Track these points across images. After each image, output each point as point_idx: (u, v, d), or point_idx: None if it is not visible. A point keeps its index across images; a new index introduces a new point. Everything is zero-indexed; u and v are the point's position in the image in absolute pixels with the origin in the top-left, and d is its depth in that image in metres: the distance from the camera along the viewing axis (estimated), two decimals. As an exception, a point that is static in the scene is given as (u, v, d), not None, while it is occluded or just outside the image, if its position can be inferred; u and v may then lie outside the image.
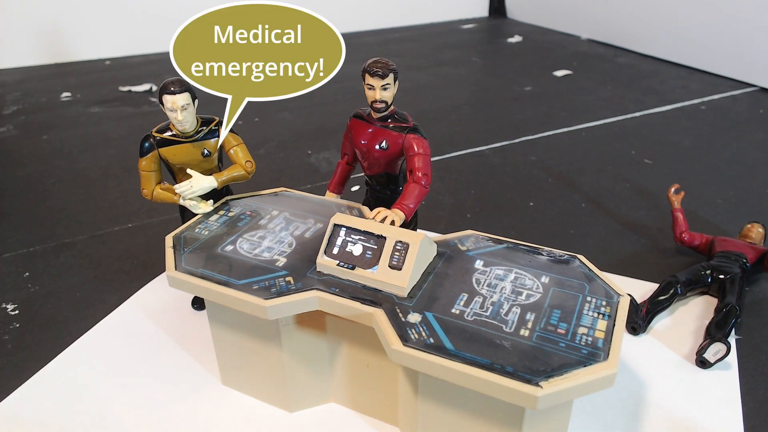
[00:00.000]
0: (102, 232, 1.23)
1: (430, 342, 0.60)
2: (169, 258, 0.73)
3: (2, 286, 1.05)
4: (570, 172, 1.49)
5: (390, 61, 0.78)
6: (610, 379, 0.56)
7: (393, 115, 0.81)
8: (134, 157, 1.58)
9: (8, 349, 0.89)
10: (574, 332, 0.61)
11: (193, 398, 0.80)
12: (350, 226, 0.72)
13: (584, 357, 0.58)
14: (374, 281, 0.68)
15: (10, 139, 1.74)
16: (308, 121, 1.86)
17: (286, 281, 0.69)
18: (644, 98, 2.01)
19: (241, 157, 0.85)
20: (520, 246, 0.77)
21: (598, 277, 0.70)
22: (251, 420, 0.77)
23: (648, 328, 0.93)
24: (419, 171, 0.77)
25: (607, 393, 0.80)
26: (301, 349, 0.74)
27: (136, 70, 2.44)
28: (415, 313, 0.64)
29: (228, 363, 0.81)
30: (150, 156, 0.84)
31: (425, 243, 0.70)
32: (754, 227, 1.08)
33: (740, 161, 1.53)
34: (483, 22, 3.33)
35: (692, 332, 0.92)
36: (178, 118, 0.80)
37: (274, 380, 0.76)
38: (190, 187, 0.82)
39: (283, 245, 0.76)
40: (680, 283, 0.97)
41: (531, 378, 0.55)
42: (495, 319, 0.63)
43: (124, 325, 0.95)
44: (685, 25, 2.34)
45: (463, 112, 1.93)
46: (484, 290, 0.68)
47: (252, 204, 0.87)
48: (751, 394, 0.80)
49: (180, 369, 0.85)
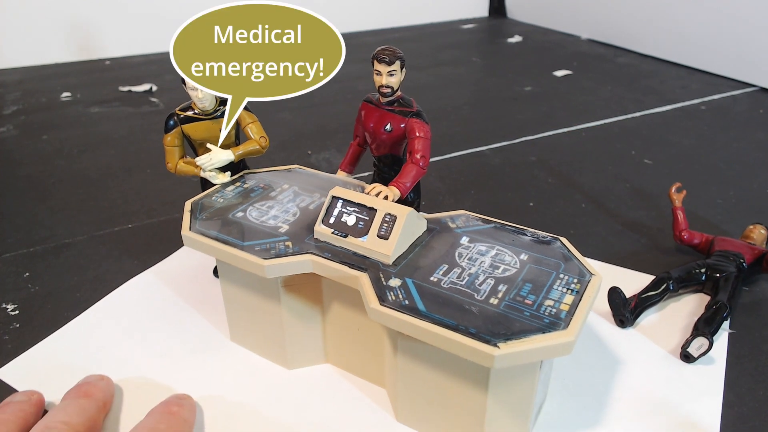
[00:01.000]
0: (102, 232, 1.23)
1: (405, 303, 0.65)
2: (186, 220, 0.83)
3: (2, 286, 1.05)
4: (570, 172, 1.49)
5: (398, 50, 0.83)
6: (567, 347, 0.60)
7: (399, 100, 0.86)
8: (134, 157, 1.59)
9: (8, 349, 0.89)
10: (541, 303, 0.65)
11: (203, 352, 0.89)
12: (346, 199, 0.78)
13: (545, 325, 0.62)
14: (363, 249, 0.74)
15: (10, 139, 1.74)
16: (308, 121, 1.86)
17: (285, 245, 0.76)
18: (644, 98, 2.01)
19: (256, 133, 0.93)
20: (507, 227, 0.81)
21: (576, 258, 0.74)
22: (253, 374, 0.85)
23: (638, 323, 0.93)
24: (418, 153, 0.82)
25: (587, 377, 0.83)
26: (299, 309, 0.81)
27: (136, 70, 2.44)
28: (396, 279, 0.70)
29: (235, 321, 0.89)
30: (174, 132, 0.92)
31: (412, 217, 0.75)
32: (756, 228, 1.08)
33: (740, 161, 1.53)
34: (483, 22, 3.33)
35: (682, 328, 0.92)
36: (198, 96, 0.88)
37: (275, 338, 0.84)
38: (210, 160, 0.91)
39: (287, 214, 0.84)
40: (672, 279, 0.97)
41: (490, 339, 0.60)
42: (469, 288, 0.68)
43: (144, 290, 1.03)
44: (685, 25, 2.34)
45: (463, 112, 1.93)
46: (464, 263, 0.73)
47: (266, 178, 0.95)
48: (751, 394, 0.80)
49: (193, 327, 0.94)
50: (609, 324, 0.93)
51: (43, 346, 0.90)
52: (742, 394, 0.81)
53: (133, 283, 1.05)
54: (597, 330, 0.92)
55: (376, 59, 0.82)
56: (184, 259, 1.12)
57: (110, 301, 1.00)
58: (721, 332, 0.89)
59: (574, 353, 0.87)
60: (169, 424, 0.69)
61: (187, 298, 1.01)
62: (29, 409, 0.72)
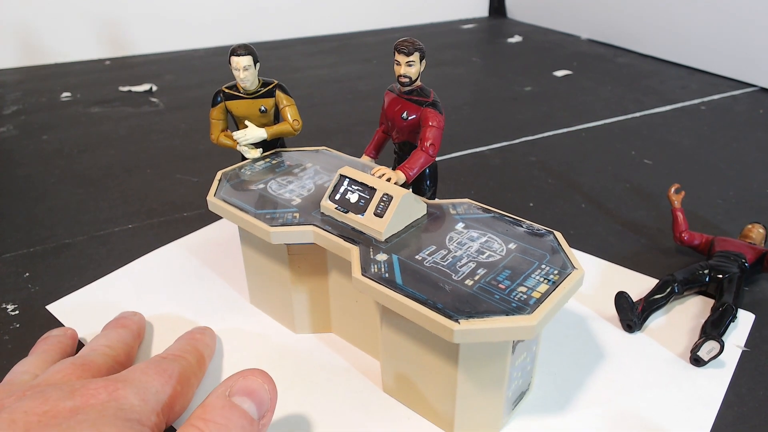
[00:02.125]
0: (102, 232, 1.23)
1: (385, 276, 0.70)
2: (213, 187, 0.92)
3: (2, 286, 1.05)
4: (570, 172, 1.49)
5: (418, 41, 0.87)
6: (528, 331, 0.62)
7: (418, 90, 0.90)
8: (134, 157, 1.59)
9: (8, 349, 0.89)
10: (514, 289, 0.67)
11: (223, 310, 0.98)
12: (352, 178, 0.84)
13: (511, 308, 0.64)
14: (360, 225, 0.79)
15: (10, 139, 1.74)
16: (308, 122, 1.85)
17: (293, 216, 0.83)
18: (644, 98, 2.01)
19: (290, 116, 1.00)
20: (506, 217, 0.83)
21: (564, 252, 0.75)
22: (263, 335, 0.93)
23: (644, 327, 0.93)
24: (427, 141, 0.86)
25: (593, 376, 0.83)
26: (305, 278, 0.88)
27: (136, 70, 2.44)
28: (384, 254, 0.74)
29: (253, 285, 0.97)
30: (218, 107, 1.00)
31: (409, 199, 0.80)
32: (755, 228, 1.08)
33: (740, 161, 1.53)
34: (483, 22, 3.33)
35: (688, 331, 0.92)
36: (240, 76, 0.96)
37: (284, 303, 0.91)
38: (244, 135, 0.99)
39: (303, 190, 0.91)
40: (677, 282, 0.97)
41: (453, 315, 0.63)
42: (449, 269, 0.71)
43: (172, 258, 1.12)
44: (685, 25, 2.34)
45: (463, 112, 1.93)
46: (453, 246, 0.76)
47: (294, 156, 1.03)
48: (751, 394, 0.80)
49: (217, 289, 1.03)
50: (616, 328, 0.93)
51: (74, 295, 1.02)
52: (742, 394, 0.81)
53: (158, 252, 1.14)
54: (604, 335, 0.92)
55: (396, 50, 0.87)
56: (209, 233, 1.21)
57: (137, 265, 1.10)
58: (733, 347, 0.89)
59: (578, 356, 0.87)
60: (194, 347, 0.80)
61: (213, 266, 1.09)
62: (66, 341, 0.83)
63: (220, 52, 2.63)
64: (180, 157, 1.59)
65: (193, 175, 1.49)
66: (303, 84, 2.21)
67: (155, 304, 0.98)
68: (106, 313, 0.94)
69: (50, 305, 0.99)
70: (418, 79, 0.89)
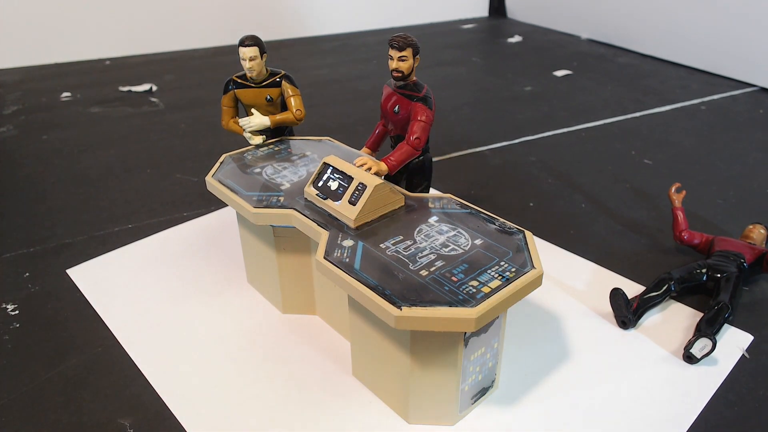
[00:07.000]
0: (102, 232, 1.23)
1: (345, 261, 0.73)
2: (213, 168, 0.97)
3: (2, 286, 1.05)
4: (570, 172, 1.49)
5: (411, 37, 0.88)
6: (468, 324, 0.64)
7: (411, 84, 0.91)
8: (134, 157, 1.59)
9: (8, 349, 0.90)
10: (465, 283, 0.69)
11: (222, 287, 1.04)
12: (335, 166, 0.86)
13: (456, 301, 0.65)
14: (336, 211, 0.82)
15: (10, 139, 1.74)
16: (308, 121, 1.86)
17: (278, 199, 0.87)
18: (644, 98, 2.01)
19: (293, 106, 1.04)
20: (481, 214, 0.84)
21: (528, 251, 0.75)
22: (253, 311, 0.98)
23: (639, 324, 0.93)
24: (414, 135, 0.88)
25: (585, 375, 0.83)
26: (290, 260, 0.91)
27: (136, 70, 2.44)
28: (351, 240, 0.77)
29: (249, 264, 1.02)
30: (229, 94, 1.05)
31: (383, 189, 0.82)
32: (756, 228, 1.08)
33: (740, 161, 1.53)
34: (483, 22, 3.33)
35: (683, 329, 0.92)
36: (247, 66, 1.00)
37: (272, 283, 0.95)
38: (248, 122, 1.03)
39: (295, 176, 0.94)
40: (674, 280, 0.97)
41: (397, 302, 0.65)
42: (408, 259, 0.73)
43: (177, 240, 1.18)
44: (685, 25, 2.34)
45: (463, 112, 1.93)
46: (419, 238, 0.78)
47: (296, 144, 1.06)
48: (751, 394, 0.80)
49: (221, 268, 1.09)
50: (611, 325, 0.93)
51: (86, 265, 1.11)
52: (742, 394, 0.81)
53: (166, 233, 1.21)
54: (598, 331, 0.92)
55: (389, 45, 0.88)
56: (222, 216, 1.27)
57: (145, 243, 1.17)
58: (734, 349, 0.88)
59: (571, 352, 0.87)
60: None
61: (220, 246, 1.15)
62: None
63: (220, 52, 2.63)
64: (180, 157, 1.59)
65: (193, 175, 1.49)
66: (303, 84, 2.19)
67: (164, 278, 1.06)
68: (119, 280, 1.05)
69: (70, 269, 1.09)
70: (413, 74, 0.90)
